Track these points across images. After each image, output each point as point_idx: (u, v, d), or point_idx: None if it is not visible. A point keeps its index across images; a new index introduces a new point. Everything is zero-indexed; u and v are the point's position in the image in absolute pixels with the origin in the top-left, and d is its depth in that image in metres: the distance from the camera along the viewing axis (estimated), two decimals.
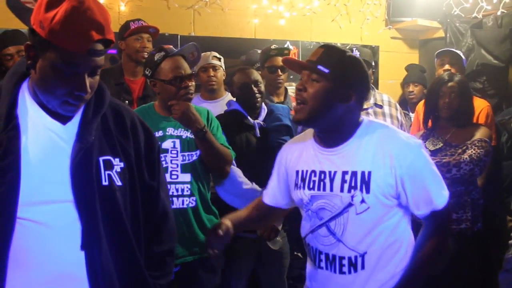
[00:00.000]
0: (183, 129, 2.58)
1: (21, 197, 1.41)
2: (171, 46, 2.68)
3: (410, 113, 4.48)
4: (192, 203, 2.57)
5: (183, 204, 2.54)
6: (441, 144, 3.10)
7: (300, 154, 1.95)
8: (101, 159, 1.52)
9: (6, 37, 3.26)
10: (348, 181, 1.78)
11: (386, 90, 4.57)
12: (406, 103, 4.73)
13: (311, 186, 1.87)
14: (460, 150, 3.00)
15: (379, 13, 5.32)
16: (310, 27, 5.09)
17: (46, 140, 1.49)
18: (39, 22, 1.39)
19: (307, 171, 1.89)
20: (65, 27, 1.35)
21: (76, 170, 1.47)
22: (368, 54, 3.52)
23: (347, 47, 4.95)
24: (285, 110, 3.19)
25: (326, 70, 1.75)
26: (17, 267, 1.43)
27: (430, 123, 3.26)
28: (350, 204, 1.78)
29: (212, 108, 3.02)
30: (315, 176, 1.87)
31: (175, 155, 2.56)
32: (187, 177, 2.57)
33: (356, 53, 3.31)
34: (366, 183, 1.75)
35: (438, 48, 4.43)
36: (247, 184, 2.83)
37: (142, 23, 3.52)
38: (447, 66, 3.84)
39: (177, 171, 2.55)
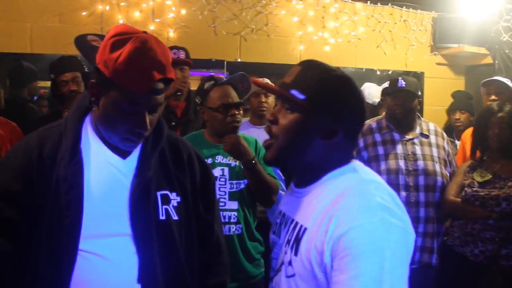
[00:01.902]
0: (231, 158, 2.62)
1: (83, 230, 1.46)
2: (222, 75, 2.74)
3: (456, 141, 4.42)
4: (238, 231, 2.59)
5: (229, 231, 2.56)
6: (490, 176, 3.04)
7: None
8: (158, 193, 1.56)
9: (62, 63, 3.35)
10: (289, 233, 1.37)
11: (431, 117, 4.53)
12: (451, 130, 4.66)
13: (274, 228, 1.51)
14: (510, 183, 2.94)
15: (425, 39, 5.30)
16: (355, 53, 5.11)
17: (107, 174, 1.53)
18: (104, 61, 1.44)
19: (280, 210, 1.53)
20: (128, 67, 1.40)
21: (135, 205, 1.51)
22: (414, 83, 3.30)
23: (389, 73, 4.98)
24: None
25: (301, 96, 1.31)
26: None
27: (478, 154, 3.21)
28: (283, 262, 1.36)
29: (260, 133, 3.05)
30: (279, 217, 1.50)
31: (223, 183, 2.59)
32: (234, 204, 2.60)
33: (402, 83, 3.19)
34: (297, 241, 1.30)
35: (485, 74, 4.38)
36: None
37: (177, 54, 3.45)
38: (493, 97, 3.78)
39: (225, 198, 2.58)
